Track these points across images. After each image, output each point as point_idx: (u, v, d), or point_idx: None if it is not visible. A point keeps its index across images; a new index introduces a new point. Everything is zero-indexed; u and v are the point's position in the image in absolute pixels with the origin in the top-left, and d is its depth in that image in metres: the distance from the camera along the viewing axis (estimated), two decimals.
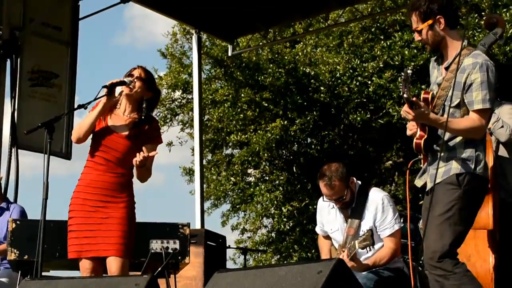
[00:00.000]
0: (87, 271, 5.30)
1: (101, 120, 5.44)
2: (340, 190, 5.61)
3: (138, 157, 5.19)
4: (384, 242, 5.55)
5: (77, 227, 5.32)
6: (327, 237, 6.07)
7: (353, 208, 5.66)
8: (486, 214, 5.14)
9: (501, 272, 5.27)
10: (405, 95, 4.28)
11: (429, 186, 4.54)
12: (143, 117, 5.53)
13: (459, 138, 4.44)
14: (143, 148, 5.31)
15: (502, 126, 5.67)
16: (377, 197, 5.65)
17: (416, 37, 4.63)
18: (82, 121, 5.41)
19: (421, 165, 4.74)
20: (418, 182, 4.72)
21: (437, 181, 4.40)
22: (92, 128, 5.39)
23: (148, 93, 5.54)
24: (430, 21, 4.49)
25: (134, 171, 5.45)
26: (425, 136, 4.48)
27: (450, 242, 4.30)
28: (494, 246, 5.19)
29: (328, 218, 5.90)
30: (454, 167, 4.40)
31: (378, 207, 5.59)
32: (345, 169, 5.67)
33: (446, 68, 4.53)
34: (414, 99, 4.29)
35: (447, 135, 4.42)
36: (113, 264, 5.23)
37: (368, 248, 5.38)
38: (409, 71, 4.28)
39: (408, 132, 4.64)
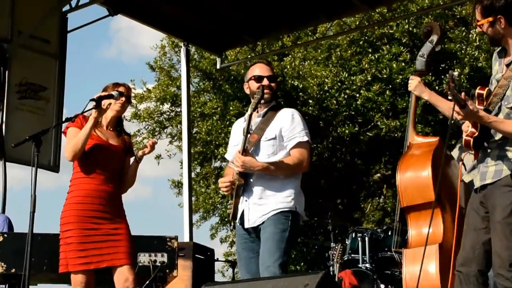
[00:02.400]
0: (81, 285, 5.31)
1: (92, 133, 5.47)
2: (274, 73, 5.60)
3: (148, 147, 5.59)
4: (291, 153, 5.20)
5: (80, 239, 5.33)
6: None
7: (263, 118, 5.31)
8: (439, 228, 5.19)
9: None
10: (449, 97, 4.27)
11: (477, 184, 4.50)
12: (125, 131, 5.80)
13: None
14: (130, 158, 5.65)
15: None
16: (288, 110, 5.36)
17: (478, 28, 4.62)
18: (76, 139, 5.41)
19: None
20: (467, 178, 4.74)
21: (488, 181, 4.40)
22: (86, 143, 5.42)
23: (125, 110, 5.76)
24: (490, 18, 4.46)
25: None
26: (476, 134, 4.45)
27: None
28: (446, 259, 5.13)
29: (239, 132, 5.49)
30: (506, 168, 4.35)
31: (287, 118, 5.25)
32: None
33: (507, 65, 4.48)
34: (463, 96, 4.25)
35: (499, 134, 4.39)
36: (127, 273, 5.35)
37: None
38: (455, 73, 4.27)
39: (463, 135, 4.58)
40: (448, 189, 5.31)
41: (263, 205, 5.07)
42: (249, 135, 5.15)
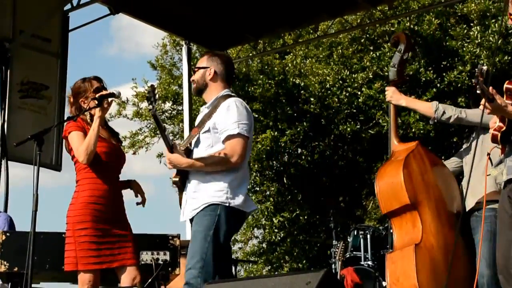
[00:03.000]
0: (89, 283, 5.35)
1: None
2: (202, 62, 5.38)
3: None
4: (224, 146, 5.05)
5: (94, 239, 5.37)
6: None
7: (208, 110, 5.22)
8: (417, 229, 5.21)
9: None
10: (478, 91, 4.28)
11: (505, 177, 4.53)
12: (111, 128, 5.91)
13: None
14: None
15: (444, 112, 5.67)
16: (227, 101, 5.13)
17: (509, 22, 4.65)
18: (87, 140, 5.42)
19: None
20: (493, 172, 4.76)
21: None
22: (97, 143, 5.44)
23: None
24: None
25: None
26: (504, 128, 4.47)
27: None
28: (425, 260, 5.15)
29: None
30: None
31: (223, 109, 5.08)
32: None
33: None
34: (491, 90, 4.26)
35: None
36: (136, 272, 5.45)
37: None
38: (484, 67, 4.29)
39: (491, 129, 4.59)
40: (428, 189, 5.35)
41: (196, 199, 5.04)
42: (167, 131, 5.20)
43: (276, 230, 15.39)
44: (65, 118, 5.99)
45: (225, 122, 5.02)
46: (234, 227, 5.13)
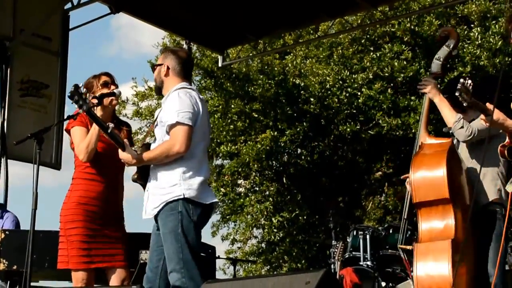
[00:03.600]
0: (82, 282, 5.36)
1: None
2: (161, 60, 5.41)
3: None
4: None
5: (84, 238, 5.37)
6: None
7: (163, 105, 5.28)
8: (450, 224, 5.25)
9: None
10: (466, 105, 4.33)
11: None
12: (122, 121, 6.00)
13: None
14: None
15: (462, 127, 5.72)
16: (176, 91, 5.16)
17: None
18: (87, 139, 5.42)
19: None
20: (509, 188, 4.80)
21: None
22: (97, 142, 5.43)
23: None
24: None
25: None
26: (510, 143, 4.53)
27: None
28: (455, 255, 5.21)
29: None
30: None
31: (165, 103, 5.15)
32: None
33: None
34: (488, 105, 4.29)
35: None
36: (125, 273, 5.51)
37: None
38: (468, 81, 4.34)
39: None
40: (460, 186, 5.43)
41: (155, 195, 5.05)
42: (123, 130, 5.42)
43: (275, 230, 15.38)
44: (65, 117, 5.99)
45: (167, 113, 5.05)
46: (199, 221, 5.04)
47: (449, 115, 5.80)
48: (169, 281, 4.88)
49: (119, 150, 5.06)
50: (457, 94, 4.33)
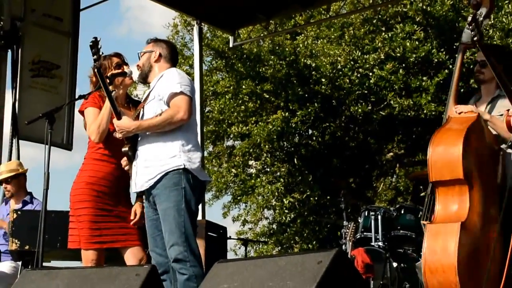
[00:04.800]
0: (92, 262, 5.35)
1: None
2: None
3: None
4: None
5: (94, 218, 5.36)
6: None
7: (154, 85, 5.27)
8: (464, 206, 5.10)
9: None
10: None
11: None
12: (135, 100, 5.88)
13: None
14: None
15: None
16: (171, 69, 5.23)
17: None
18: (99, 119, 5.39)
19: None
20: None
21: None
22: (109, 123, 5.41)
23: None
24: None
25: None
26: None
27: None
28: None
29: None
30: None
31: (162, 78, 5.16)
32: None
33: None
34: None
35: None
36: (141, 253, 5.45)
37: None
38: None
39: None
40: (482, 167, 5.19)
41: (149, 167, 5.02)
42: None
43: (286, 211, 15.41)
44: (77, 97, 5.98)
45: (167, 85, 5.05)
46: (199, 198, 5.10)
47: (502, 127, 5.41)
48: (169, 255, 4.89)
49: (114, 119, 5.09)
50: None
